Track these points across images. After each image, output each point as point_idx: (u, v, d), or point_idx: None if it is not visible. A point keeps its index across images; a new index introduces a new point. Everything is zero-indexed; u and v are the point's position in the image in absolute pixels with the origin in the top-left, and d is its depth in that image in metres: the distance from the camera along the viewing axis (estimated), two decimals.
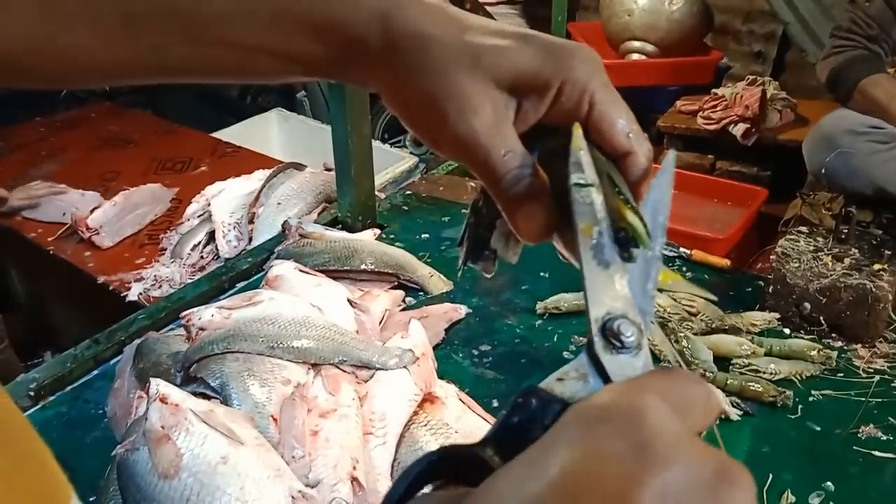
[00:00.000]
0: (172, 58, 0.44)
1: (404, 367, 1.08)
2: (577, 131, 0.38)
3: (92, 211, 1.89)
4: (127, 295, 1.66)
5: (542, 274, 1.43)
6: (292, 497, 0.86)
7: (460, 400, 1.09)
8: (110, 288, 1.71)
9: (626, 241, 0.36)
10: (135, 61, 0.44)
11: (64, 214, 1.93)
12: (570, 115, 0.41)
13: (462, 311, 1.32)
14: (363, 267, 1.38)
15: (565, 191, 0.37)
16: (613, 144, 0.42)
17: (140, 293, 1.65)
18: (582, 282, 0.35)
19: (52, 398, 1.17)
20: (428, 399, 1.06)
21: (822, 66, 1.63)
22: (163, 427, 0.89)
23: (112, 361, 1.24)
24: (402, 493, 0.30)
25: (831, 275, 1.24)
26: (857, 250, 1.29)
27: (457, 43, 0.40)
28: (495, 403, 1.12)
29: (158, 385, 0.94)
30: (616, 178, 0.40)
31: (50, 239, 1.91)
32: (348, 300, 1.24)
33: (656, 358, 1.22)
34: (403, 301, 1.37)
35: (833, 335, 1.27)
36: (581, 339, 1.27)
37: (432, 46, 0.40)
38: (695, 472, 0.25)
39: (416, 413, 1.04)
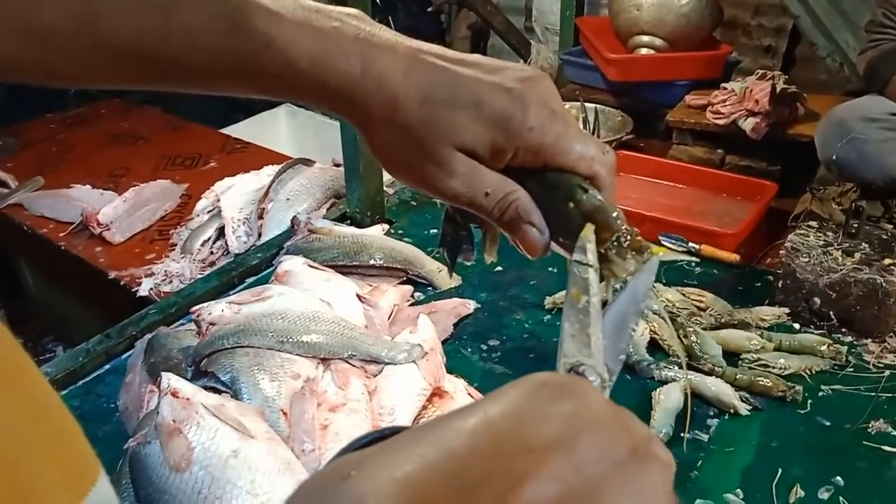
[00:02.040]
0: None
1: (413, 361, 1.09)
2: (589, 228, 0.45)
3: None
4: (138, 290, 1.67)
5: (550, 269, 1.44)
6: None
7: (469, 394, 1.09)
8: (121, 283, 1.72)
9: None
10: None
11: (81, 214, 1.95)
12: (532, 161, 0.47)
13: (470, 306, 1.33)
14: (372, 262, 1.38)
15: (560, 216, 0.46)
16: (578, 173, 0.47)
17: (151, 288, 1.66)
18: (561, 334, 0.40)
19: (64, 392, 1.18)
20: (437, 393, 1.07)
21: (860, 60, 1.65)
22: (174, 421, 0.90)
23: (123, 356, 1.25)
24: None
25: (841, 270, 1.24)
26: (867, 245, 1.29)
27: (418, 116, 0.45)
28: None
29: (169, 379, 0.95)
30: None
31: (61, 235, 1.92)
32: (357, 295, 1.25)
33: (665, 353, 1.22)
34: (412, 296, 1.37)
35: (843, 330, 1.26)
36: None
37: (399, 117, 0.45)
38: (611, 446, 0.26)
39: (424, 407, 1.04)
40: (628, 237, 0.45)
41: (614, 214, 0.45)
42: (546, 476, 0.24)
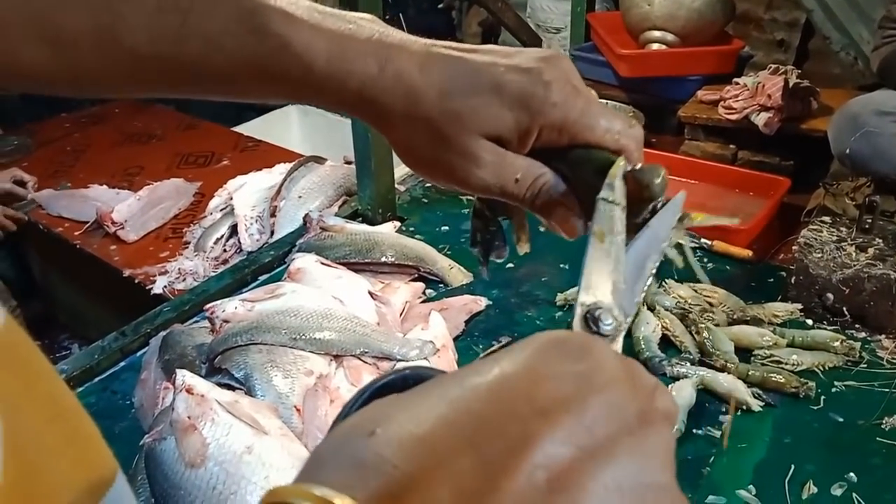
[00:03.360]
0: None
1: (425, 358, 1.09)
2: (620, 163, 0.43)
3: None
4: (152, 288, 1.68)
5: (561, 266, 1.44)
6: None
7: None
8: (136, 281, 1.73)
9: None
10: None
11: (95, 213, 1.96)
12: (557, 140, 0.46)
13: (482, 302, 1.33)
14: (384, 259, 1.39)
15: (592, 192, 0.42)
16: (605, 148, 0.46)
17: (165, 286, 1.67)
18: (581, 270, 0.39)
19: (80, 389, 1.20)
20: None
21: (874, 56, 1.64)
22: (189, 417, 0.91)
23: (138, 353, 1.27)
24: (362, 403, 0.32)
25: (855, 265, 1.23)
26: (880, 240, 1.28)
27: (439, 108, 0.45)
28: None
29: (184, 376, 0.95)
30: None
31: (77, 234, 1.94)
32: (369, 292, 1.26)
33: (677, 350, 1.22)
34: (423, 293, 1.38)
35: (856, 326, 1.25)
36: None
37: (420, 111, 0.45)
38: (621, 407, 0.27)
39: None
40: (682, 211, 0.43)
41: (657, 181, 0.43)
42: (556, 437, 0.25)
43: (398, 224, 1.58)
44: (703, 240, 1.48)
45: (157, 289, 1.67)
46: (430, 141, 0.46)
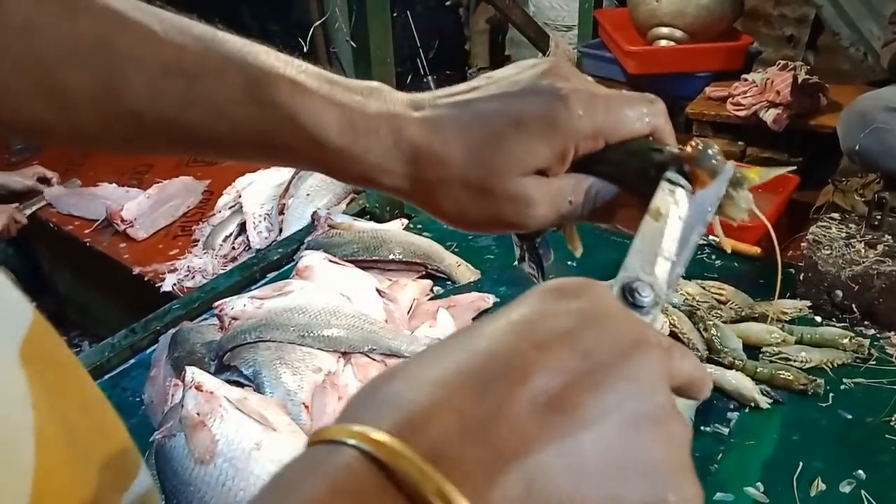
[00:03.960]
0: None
1: None
2: (691, 145, 0.43)
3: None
4: (161, 285, 1.69)
5: (569, 262, 1.43)
6: None
7: None
8: (145, 279, 1.74)
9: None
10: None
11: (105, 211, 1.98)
12: (593, 147, 0.45)
13: (489, 300, 1.33)
14: (391, 257, 1.39)
15: (648, 181, 0.42)
16: (637, 134, 0.45)
17: (174, 284, 1.68)
18: (631, 245, 0.39)
19: None
20: None
21: (884, 52, 1.63)
22: (198, 414, 0.92)
23: (148, 350, 1.27)
24: None
25: (864, 262, 1.23)
26: (890, 237, 1.27)
27: (470, 165, 0.44)
28: None
29: (194, 373, 0.96)
30: None
31: (87, 232, 1.95)
32: (377, 290, 1.26)
33: (682, 345, 1.22)
34: (431, 290, 1.38)
35: (865, 323, 1.25)
36: None
37: (452, 175, 0.44)
38: (615, 336, 0.29)
39: None
40: (736, 174, 0.43)
41: (710, 153, 0.42)
42: (552, 367, 0.27)
43: (406, 221, 1.58)
44: (711, 237, 1.47)
45: (167, 286, 1.68)
46: (473, 198, 0.44)
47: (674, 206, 0.41)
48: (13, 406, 0.24)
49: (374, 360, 1.10)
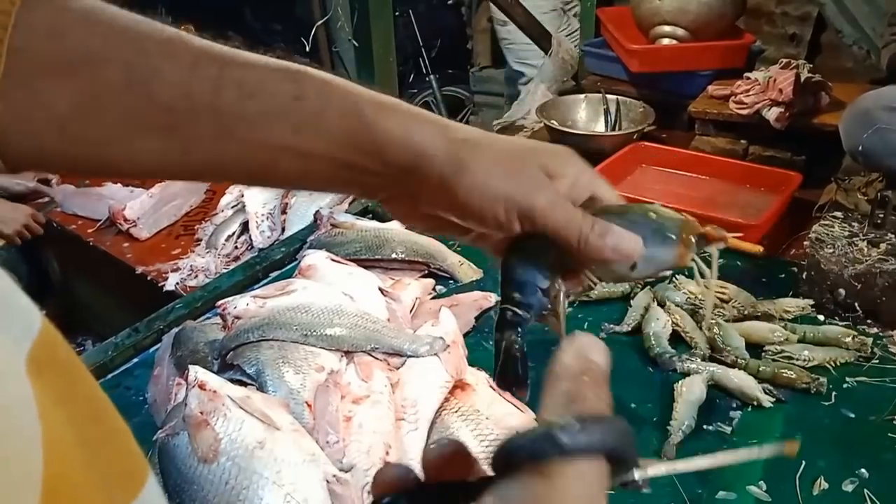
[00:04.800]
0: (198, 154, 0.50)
1: (435, 354, 1.09)
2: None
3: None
4: (164, 285, 1.69)
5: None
6: (327, 481, 0.88)
7: (490, 387, 1.10)
8: (148, 278, 1.74)
9: None
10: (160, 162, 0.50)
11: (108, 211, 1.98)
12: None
13: (492, 298, 1.33)
14: (394, 256, 1.39)
15: None
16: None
17: (177, 283, 1.69)
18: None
19: None
20: (459, 386, 1.08)
21: (884, 53, 1.63)
22: (202, 413, 0.92)
23: (151, 349, 1.28)
24: None
25: (866, 260, 1.23)
26: (892, 235, 1.27)
27: (504, 147, 0.53)
28: None
29: (197, 372, 0.96)
30: None
31: (90, 231, 1.96)
32: (379, 289, 1.26)
33: (687, 346, 1.22)
34: (434, 289, 1.38)
35: (868, 321, 1.25)
36: (611, 325, 1.27)
37: (491, 149, 0.52)
38: None
39: (447, 400, 1.05)
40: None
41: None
42: None
43: None
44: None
45: (170, 286, 1.68)
46: (506, 169, 0.51)
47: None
48: (20, 417, 0.24)
49: (377, 358, 1.10)
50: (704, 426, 1.06)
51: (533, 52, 2.89)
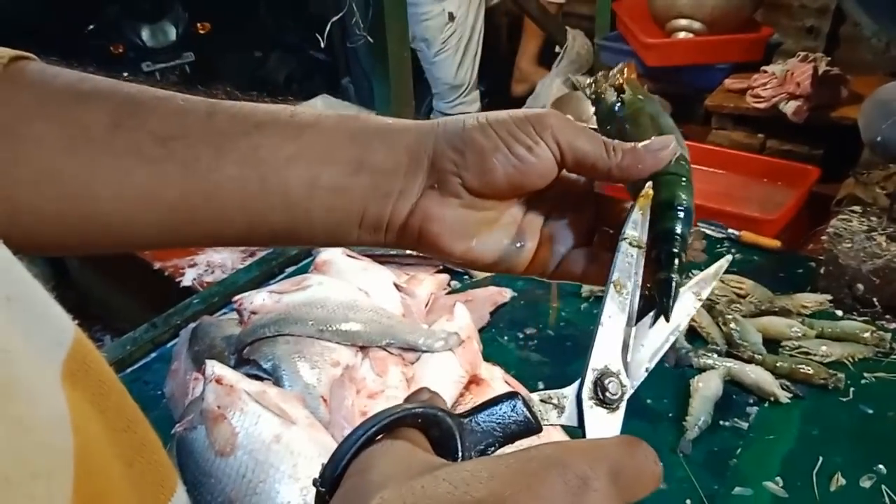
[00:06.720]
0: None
1: (450, 349, 1.10)
2: (648, 193, 0.46)
3: None
4: (181, 280, 1.71)
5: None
6: None
7: (506, 382, 1.10)
8: (165, 273, 1.76)
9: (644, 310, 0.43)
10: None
11: None
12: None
13: (507, 294, 1.33)
14: (409, 251, 1.39)
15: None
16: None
17: (194, 278, 1.70)
18: (595, 328, 0.40)
19: None
20: (474, 381, 1.08)
21: None
22: (219, 407, 0.92)
23: (169, 344, 1.29)
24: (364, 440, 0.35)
25: (885, 255, 1.21)
26: None
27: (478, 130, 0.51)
28: (541, 385, 1.13)
29: (214, 367, 0.97)
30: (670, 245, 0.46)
31: None
32: (394, 284, 1.26)
33: (704, 341, 1.21)
34: (448, 285, 1.38)
35: (887, 317, 1.24)
36: None
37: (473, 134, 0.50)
38: None
39: (462, 395, 1.05)
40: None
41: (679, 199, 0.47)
42: None
43: None
44: (730, 230, 1.47)
45: (187, 281, 1.70)
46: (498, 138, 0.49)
47: (632, 272, 0.42)
48: (53, 430, 0.24)
49: (392, 353, 1.11)
50: (721, 422, 1.06)
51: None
